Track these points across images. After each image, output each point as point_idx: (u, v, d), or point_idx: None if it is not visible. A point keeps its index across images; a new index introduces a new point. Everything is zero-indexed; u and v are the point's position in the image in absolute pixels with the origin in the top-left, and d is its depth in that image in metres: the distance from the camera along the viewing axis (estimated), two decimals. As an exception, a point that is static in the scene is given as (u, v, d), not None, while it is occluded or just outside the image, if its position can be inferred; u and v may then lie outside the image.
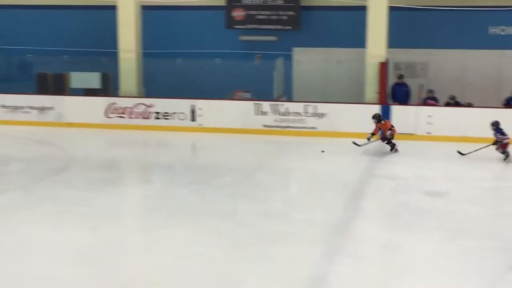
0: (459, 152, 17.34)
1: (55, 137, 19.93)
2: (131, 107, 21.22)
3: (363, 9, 20.81)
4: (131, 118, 21.20)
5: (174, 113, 20.94)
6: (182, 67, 22.91)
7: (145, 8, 22.53)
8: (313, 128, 20.06)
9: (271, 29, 23.54)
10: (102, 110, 21.39)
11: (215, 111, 20.85)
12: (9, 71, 26.19)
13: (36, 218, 12.12)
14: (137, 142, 20.13)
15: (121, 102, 21.38)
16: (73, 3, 24.63)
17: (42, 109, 21.66)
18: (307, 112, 20.20)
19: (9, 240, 10.86)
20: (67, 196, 13.59)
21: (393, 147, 18.04)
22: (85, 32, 24.41)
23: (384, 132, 18.09)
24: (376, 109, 19.51)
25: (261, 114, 20.28)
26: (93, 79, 22.65)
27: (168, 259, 9.97)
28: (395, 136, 18.08)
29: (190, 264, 9.79)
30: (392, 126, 18.03)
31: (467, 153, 17.20)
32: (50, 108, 21.63)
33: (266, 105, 20.45)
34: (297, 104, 20.68)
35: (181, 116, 20.93)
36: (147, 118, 21.13)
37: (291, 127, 20.31)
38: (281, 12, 23.32)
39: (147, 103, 21.19)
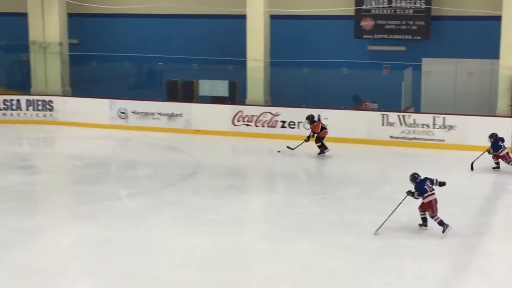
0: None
1: (183, 143, 20.34)
2: (258, 116, 21.39)
3: (496, 19, 20.16)
4: (257, 126, 21.36)
5: (300, 122, 20.93)
6: (308, 76, 22.85)
7: (274, 18, 22.67)
8: (441, 140, 19.60)
9: (400, 39, 23.15)
10: (229, 118, 21.66)
11: (341, 121, 20.70)
12: (140, 79, 26.99)
13: (163, 223, 12.42)
14: (262, 151, 20.28)
15: (247, 110, 21.58)
16: (204, 12, 25.07)
17: (171, 115, 22.16)
18: (435, 124, 19.76)
19: (138, 242, 11.18)
20: (194, 202, 13.87)
21: (322, 151, 18.48)
22: (214, 40, 24.79)
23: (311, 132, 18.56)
24: (509, 122, 18.86)
25: (388, 125, 19.99)
26: (221, 87, 22.97)
27: (291, 269, 9.98)
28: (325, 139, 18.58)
29: (312, 275, 9.76)
30: (323, 129, 18.44)
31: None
32: (179, 115, 22.10)
33: (393, 116, 20.14)
34: (425, 115, 20.26)
35: (306, 126, 20.90)
36: (273, 126, 21.23)
37: (418, 138, 19.91)
38: (410, 22, 22.90)
39: (273, 112, 21.31)
